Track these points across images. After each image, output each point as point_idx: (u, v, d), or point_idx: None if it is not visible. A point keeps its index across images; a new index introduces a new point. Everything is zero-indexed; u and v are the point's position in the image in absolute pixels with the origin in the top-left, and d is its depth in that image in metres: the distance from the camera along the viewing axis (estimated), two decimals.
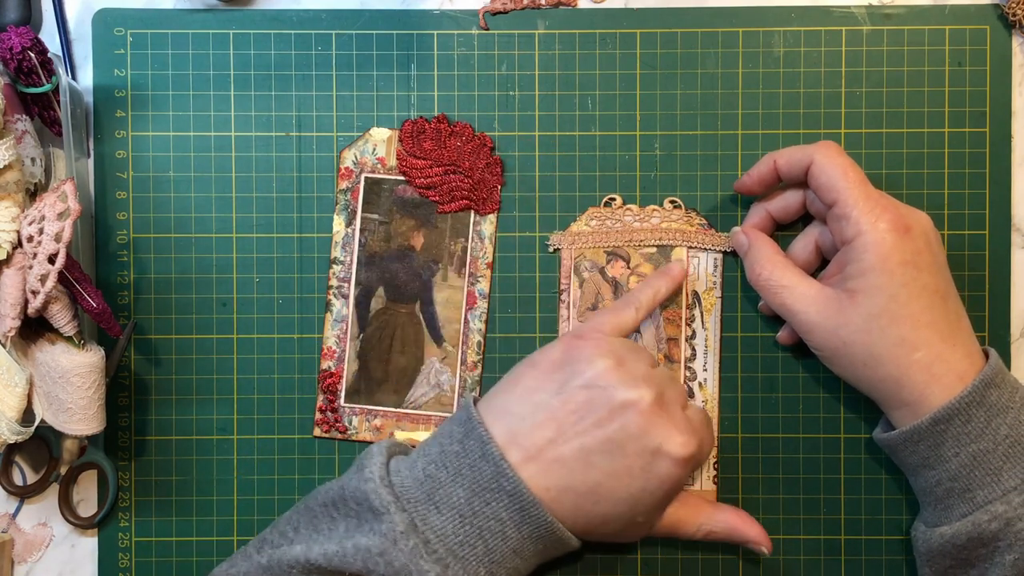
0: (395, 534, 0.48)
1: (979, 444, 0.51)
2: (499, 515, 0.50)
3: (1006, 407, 0.51)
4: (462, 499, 0.50)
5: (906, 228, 0.52)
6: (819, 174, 0.54)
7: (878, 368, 0.53)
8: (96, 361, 0.54)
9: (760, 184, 0.57)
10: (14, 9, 0.59)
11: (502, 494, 0.50)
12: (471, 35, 0.60)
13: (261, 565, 0.50)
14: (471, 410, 0.52)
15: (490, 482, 0.50)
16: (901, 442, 0.53)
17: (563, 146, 0.60)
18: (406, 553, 0.48)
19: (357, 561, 0.48)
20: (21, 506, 0.61)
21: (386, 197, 0.60)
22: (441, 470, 0.51)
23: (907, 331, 0.52)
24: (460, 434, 0.52)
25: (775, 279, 0.55)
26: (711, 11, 0.60)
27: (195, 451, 0.60)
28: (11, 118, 0.55)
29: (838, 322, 0.53)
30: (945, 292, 0.52)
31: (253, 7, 0.60)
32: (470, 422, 0.52)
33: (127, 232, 0.60)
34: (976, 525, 0.51)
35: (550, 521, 0.50)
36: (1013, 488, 0.51)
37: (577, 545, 0.52)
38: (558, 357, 0.53)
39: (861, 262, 0.52)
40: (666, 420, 0.51)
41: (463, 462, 0.51)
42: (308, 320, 0.60)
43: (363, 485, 0.50)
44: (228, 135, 0.60)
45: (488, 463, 0.50)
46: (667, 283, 0.58)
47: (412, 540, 0.48)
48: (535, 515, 0.50)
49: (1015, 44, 0.60)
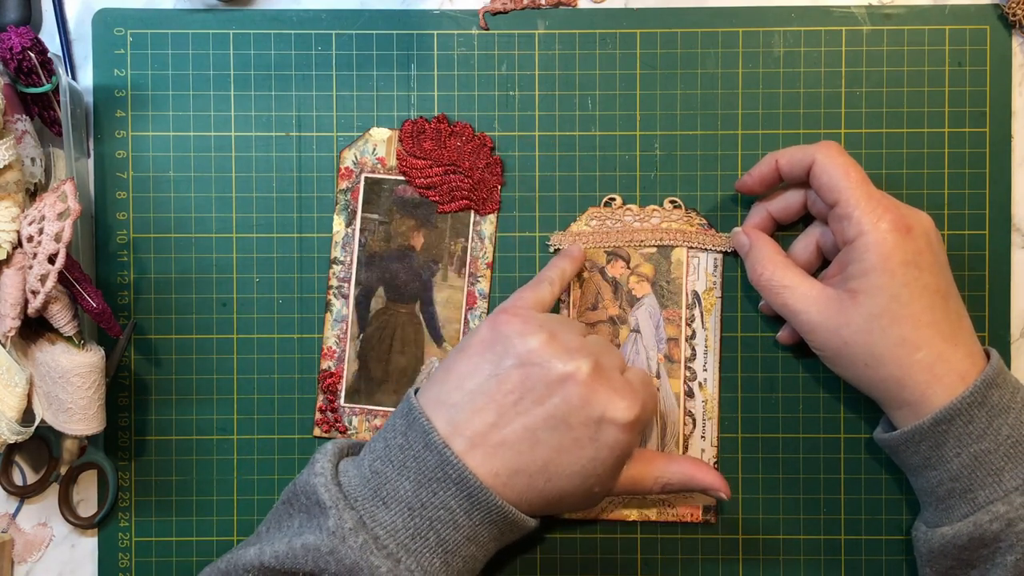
0: (343, 531, 0.48)
1: (981, 444, 0.51)
2: (448, 504, 0.49)
3: (1007, 407, 0.51)
4: (409, 492, 0.49)
5: (907, 228, 0.52)
6: (821, 174, 0.54)
7: (879, 368, 0.53)
8: (96, 361, 0.54)
9: (761, 184, 0.57)
10: (14, 9, 0.59)
11: (448, 483, 0.49)
12: (471, 35, 0.60)
13: (220, 570, 0.50)
14: (412, 401, 0.52)
15: (435, 472, 0.49)
16: (902, 442, 0.53)
17: (563, 146, 0.60)
18: (356, 550, 0.48)
19: (308, 561, 0.48)
20: (21, 506, 0.61)
21: (386, 197, 0.60)
22: (387, 465, 0.50)
23: (908, 331, 0.52)
24: (403, 427, 0.51)
25: (776, 279, 0.55)
26: (711, 11, 0.60)
27: (195, 451, 0.60)
28: (11, 118, 0.55)
29: (839, 322, 0.53)
30: (946, 292, 0.52)
31: (253, 7, 0.60)
32: (411, 413, 0.51)
33: (127, 232, 0.60)
34: (977, 526, 0.51)
35: (500, 505, 0.50)
36: (1014, 488, 0.51)
37: (534, 525, 0.52)
38: (487, 337, 0.52)
39: (863, 262, 0.52)
40: (606, 387, 0.51)
41: (407, 454, 0.50)
42: (308, 320, 0.60)
43: (312, 479, 0.50)
44: (228, 135, 0.60)
45: (432, 453, 0.50)
46: (570, 263, 0.58)
47: (361, 536, 0.48)
48: (484, 500, 0.49)
49: (1015, 44, 0.60)
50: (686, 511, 0.60)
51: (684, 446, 0.60)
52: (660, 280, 0.60)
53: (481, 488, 0.49)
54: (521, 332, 0.51)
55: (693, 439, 0.60)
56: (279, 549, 0.49)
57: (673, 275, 0.60)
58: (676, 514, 0.60)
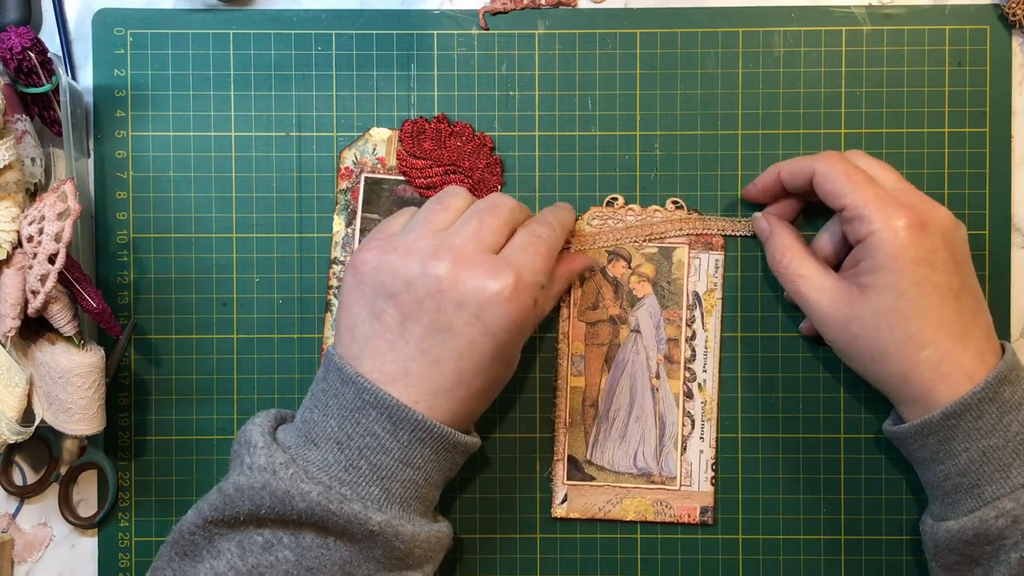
0: (274, 466, 0.49)
1: (990, 440, 0.51)
2: (372, 430, 0.50)
3: (1019, 404, 0.51)
4: (335, 427, 0.50)
5: (921, 225, 0.52)
6: (823, 183, 0.54)
7: (886, 364, 0.53)
8: (96, 361, 0.54)
9: (765, 194, 0.58)
10: (14, 9, 0.59)
11: (368, 409, 0.50)
12: (471, 35, 0.60)
13: (170, 544, 0.50)
14: (330, 350, 0.53)
15: (354, 401, 0.50)
16: (911, 436, 0.53)
17: (563, 146, 0.60)
18: (286, 480, 0.48)
19: (244, 501, 0.48)
20: (21, 506, 0.61)
21: (386, 197, 0.60)
22: (313, 412, 0.51)
23: (916, 329, 0.51)
24: (322, 373, 0.52)
25: (793, 268, 0.56)
26: (711, 11, 0.60)
27: (195, 451, 0.60)
28: (11, 118, 0.55)
29: (849, 316, 0.53)
30: (960, 290, 0.52)
31: (253, 7, 0.60)
32: (329, 359, 0.52)
33: (127, 232, 0.60)
34: (983, 521, 0.51)
35: (421, 419, 0.50)
36: (1021, 485, 0.50)
37: (468, 440, 0.52)
38: (351, 282, 0.52)
39: (874, 259, 0.52)
40: (470, 275, 0.50)
41: (328, 395, 0.51)
42: (308, 320, 0.60)
43: (249, 427, 0.51)
44: (228, 135, 0.60)
45: (348, 386, 0.50)
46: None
47: (292, 469, 0.49)
48: (405, 417, 0.50)
49: (1015, 44, 0.60)
50: (683, 512, 0.60)
51: (682, 447, 0.60)
52: (661, 280, 0.60)
53: (399, 405, 0.49)
54: (376, 266, 0.51)
55: (691, 440, 0.60)
56: (214, 499, 0.49)
57: (674, 275, 0.60)
58: (673, 515, 0.60)
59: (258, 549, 0.49)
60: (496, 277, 0.50)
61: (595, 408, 0.60)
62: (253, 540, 0.49)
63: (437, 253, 0.50)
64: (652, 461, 0.60)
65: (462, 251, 0.51)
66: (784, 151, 0.60)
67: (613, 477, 0.60)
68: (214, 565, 0.49)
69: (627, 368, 0.60)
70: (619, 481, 0.60)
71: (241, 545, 0.49)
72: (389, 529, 0.49)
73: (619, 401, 0.60)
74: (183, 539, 0.50)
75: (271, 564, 0.49)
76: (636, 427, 0.60)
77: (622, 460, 0.60)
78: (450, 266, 0.50)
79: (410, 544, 0.50)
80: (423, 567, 0.51)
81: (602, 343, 0.60)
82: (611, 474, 0.60)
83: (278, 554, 0.49)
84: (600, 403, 0.60)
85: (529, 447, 0.60)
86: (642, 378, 0.60)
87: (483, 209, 0.53)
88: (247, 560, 0.49)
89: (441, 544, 0.52)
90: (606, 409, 0.60)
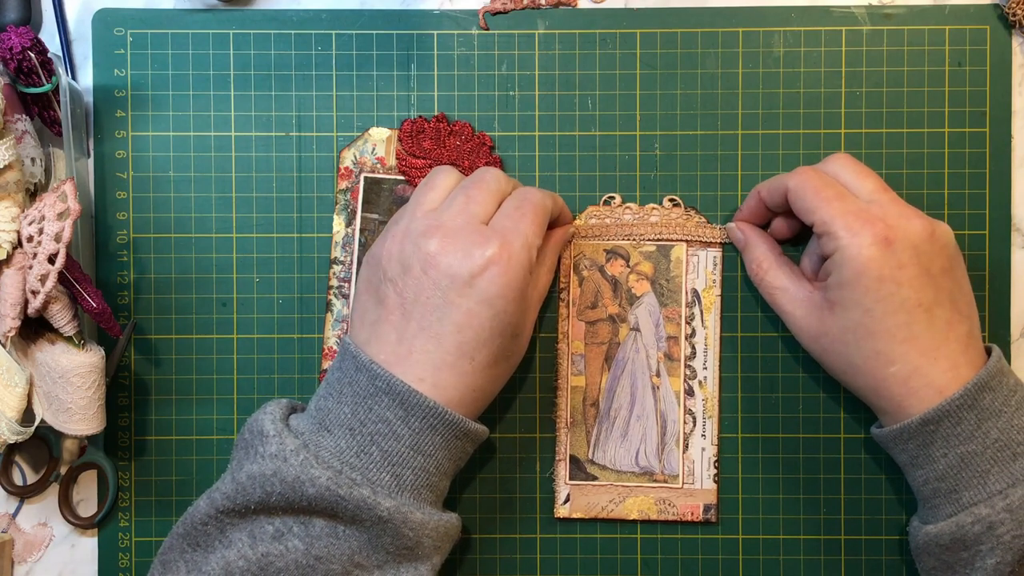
0: (285, 453, 0.49)
1: (968, 446, 0.51)
2: (384, 416, 0.50)
3: (999, 411, 0.51)
4: (348, 414, 0.50)
5: (887, 241, 0.51)
6: (795, 200, 0.54)
7: (856, 377, 0.53)
8: (96, 361, 0.54)
9: (752, 217, 0.58)
10: (14, 9, 0.59)
11: (380, 395, 0.50)
12: (471, 35, 0.60)
13: (179, 535, 0.50)
14: (345, 339, 0.53)
15: (367, 388, 0.50)
16: (892, 439, 0.54)
17: (563, 146, 0.60)
18: (296, 467, 0.48)
19: (256, 489, 0.49)
20: (21, 506, 0.61)
21: (386, 197, 0.60)
22: (327, 399, 0.52)
23: (882, 345, 0.51)
24: (338, 362, 0.53)
25: (768, 279, 0.57)
26: (711, 11, 0.60)
27: (195, 451, 0.60)
28: (11, 118, 0.55)
29: (820, 330, 0.54)
30: (932, 303, 0.51)
31: (253, 7, 0.60)
32: (344, 348, 0.53)
33: (127, 232, 0.60)
34: (960, 527, 0.51)
35: (432, 405, 0.50)
36: (998, 492, 0.50)
37: (478, 429, 0.52)
38: (364, 273, 0.54)
39: (840, 275, 0.52)
40: (459, 246, 0.51)
41: (343, 383, 0.51)
42: (308, 320, 0.60)
43: (260, 416, 0.51)
44: (228, 135, 0.60)
45: (362, 373, 0.51)
46: None
47: (303, 455, 0.49)
48: (416, 403, 0.50)
49: (1015, 44, 0.60)
50: (686, 510, 0.60)
51: (684, 444, 0.60)
52: (660, 278, 0.60)
53: (410, 391, 0.50)
54: (377, 254, 0.53)
55: (693, 437, 0.60)
56: (226, 488, 0.49)
57: (673, 273, 0.60)
58: (676, 513, 0.60)
59: (268, 538, 0.49)
60: (484, 245, 0.51)
61: (596, 407, 0.60)
62: (264, 529, 0.49)
63: (427, 231, 0.51)
64: (654, 459, 0.60)
65: (451, 225, 0.51)
66: (784, 151, 0.60)
67: (615, 476, 0.60)
68: (225, 555, 0.49)
69: (627, 367, 0.60)
70: (621, 480, 0.60)
71: (252, 534, 0.49)
72: (399, 516, 0.49)
73: (620, 400, 0.60)
74: (195, 529, 0.50)
75: (281, 553, 0.49)
76: (637, 426, 0.60)
77: (624, 459, 0.60)
78: (439, 241, 0.51)
79: (419, 532, 0.50)
80: (431, 558, 0.51)
81: (602, 342, 0.60)
82: (613, 473, 0.60)
83: (288, 543, 0.49)
84: (601, 402, 0.60)
85: (530, 447, 0.60)
86: (642, 376, 0.60)
87: (470, 183, 0.54)
88: (257, 549, 0.49)
89: (450, 535, 0.52)
90: (607, 408, 0.60)
